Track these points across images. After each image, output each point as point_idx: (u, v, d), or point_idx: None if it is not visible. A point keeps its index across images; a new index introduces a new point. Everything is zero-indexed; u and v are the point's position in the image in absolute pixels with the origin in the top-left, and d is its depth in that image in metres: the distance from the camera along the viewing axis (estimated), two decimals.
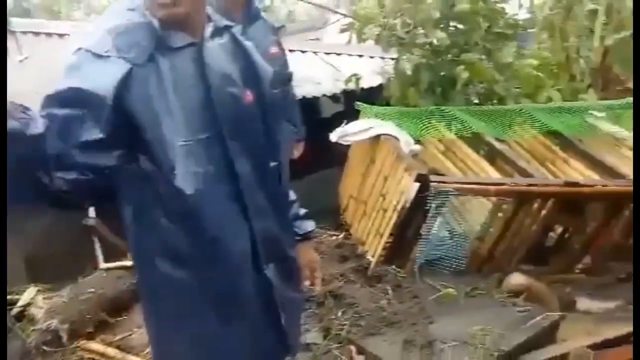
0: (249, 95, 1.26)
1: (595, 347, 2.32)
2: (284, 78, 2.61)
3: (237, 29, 1.30)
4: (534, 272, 2.94)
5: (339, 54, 4.17)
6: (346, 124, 3.13)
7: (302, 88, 3.64)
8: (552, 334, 2.44)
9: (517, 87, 3.91)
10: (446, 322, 2.47)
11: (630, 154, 3.35)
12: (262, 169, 1.28)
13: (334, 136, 3.04)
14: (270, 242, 1.31)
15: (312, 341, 2.65)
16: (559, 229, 3.12)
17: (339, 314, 2.66)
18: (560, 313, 2.49)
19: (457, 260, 2.88)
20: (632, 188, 2.91)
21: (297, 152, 2.68)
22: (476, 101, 4.04)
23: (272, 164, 1.31)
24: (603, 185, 2.87)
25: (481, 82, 3.86)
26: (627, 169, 3.18)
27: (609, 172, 3.11)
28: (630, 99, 3.95)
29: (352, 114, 3.49)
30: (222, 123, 1.21)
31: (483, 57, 3.70)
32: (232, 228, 1.24)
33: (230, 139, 1.22)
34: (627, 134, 3.47)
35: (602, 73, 4.26)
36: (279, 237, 1.34)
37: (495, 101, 3.89)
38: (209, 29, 1.24)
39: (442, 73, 3.62)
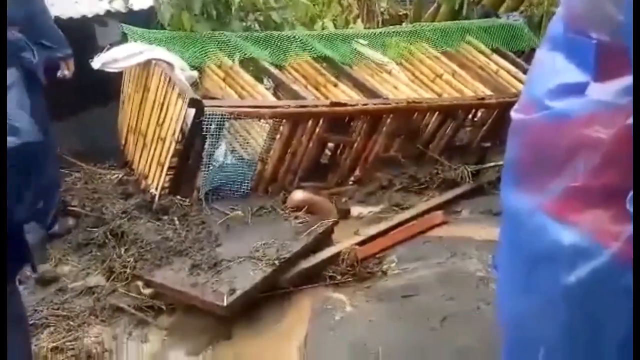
0: None
1: (361, 243, 2.69)
2: None
3: None
4: (314, 187, 3.21)
5: None
6: (109, 48, 2.82)
7: (53, 7, 3.11)
8: (328, 238, 2.74)
9: (293, 16, 4.04)
10: (233, 242, 2.56)
11: (387, 77, 3.80)
12: None
13: (96, 62, 2.71)
14: None
15: (95, 284, 2.50)
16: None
17: (122, 252, 2.54)
18: (333, 219, 2.78)
19: (243, 184, 2.96)
20: (388, 105, 3.35)
21: (68, 71, 2.35)
22: (257, 29, 4.05)
23: None
24: (364, 104, 3.21)
25: (259, 10, 3.86)
26: (385, 90, 3.61)
27: (371, 93, 3.49)
28: (393, 28, 4.44)
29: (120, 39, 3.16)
30: None
31: None
32: None
33: None
34: (387, 60, 3.91)
35: (366, 5, 4.68)
36: None
37: (273, 29, 3.97)
38: None
39: None
